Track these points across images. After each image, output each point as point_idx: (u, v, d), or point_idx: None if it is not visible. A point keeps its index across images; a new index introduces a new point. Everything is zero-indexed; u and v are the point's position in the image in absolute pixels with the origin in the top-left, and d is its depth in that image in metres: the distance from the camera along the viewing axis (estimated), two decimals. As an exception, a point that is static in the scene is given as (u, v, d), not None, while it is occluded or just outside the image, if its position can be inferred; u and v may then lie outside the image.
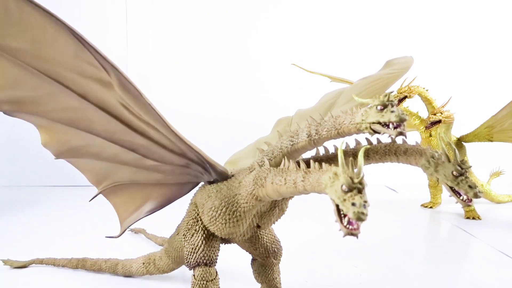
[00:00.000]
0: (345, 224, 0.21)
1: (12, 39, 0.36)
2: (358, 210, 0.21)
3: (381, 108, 0.28)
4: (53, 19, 0.35)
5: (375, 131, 0.29)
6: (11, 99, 0.42)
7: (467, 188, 0.24)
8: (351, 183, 0.21)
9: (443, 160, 0.26)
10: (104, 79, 0.39)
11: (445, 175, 0.25)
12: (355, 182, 0.21)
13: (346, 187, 0.21)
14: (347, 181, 0.22)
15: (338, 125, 0.32)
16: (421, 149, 0.28)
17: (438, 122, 0.95)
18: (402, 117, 0.27)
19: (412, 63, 0.68)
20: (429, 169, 0.26)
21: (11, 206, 1.21)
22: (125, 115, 0.43)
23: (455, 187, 0.25)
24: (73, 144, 0.48)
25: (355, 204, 0.22)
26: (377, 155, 0.34)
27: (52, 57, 0.38)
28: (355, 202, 0.22)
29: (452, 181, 0.25)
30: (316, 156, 0.38)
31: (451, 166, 0.25)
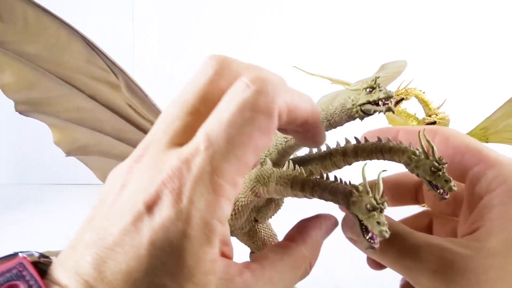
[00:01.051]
0: (368, 238, 0.22)
1: (30, 45, 0.39)
2: (383, 229, 0.23)
3: (369, 90, 0.29)
4: (66, 27, 0.39)
5: (365, 113, 0.30)
6: (26, 100, 0.45)
7: (443, 182, 0.25)
8: (375, 204, 0.22)
9: (423, 157, 0.27)
10: (113, 82, 0.42)
11: (424, 170, 0.26)
12: (379, 203, 0.22)
13: (370, 206, 0.22)
14: (370, 201, 0.23)
15: (329, 116, 0.32)
16: (403, 147, 0.29)
17: (433, 123, 0.97)
18: (389, 94, 0.28)
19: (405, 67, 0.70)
20: (410, 165, 0.27)
21: (18, 203, 1.24)
22: (132, 115, 0.45)
23: (433, 182, 0.26)
24: (83, 142, 0.51)
25: (380, 223, 0.23)
26: (364, 153, 0.34)
27: (65, 62, 0.41)
28: (380, 221, 0.23)
29: (430, 176, 0.26)
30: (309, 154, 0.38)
31: (429, 162, 0.26)
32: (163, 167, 0.19)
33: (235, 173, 0.19)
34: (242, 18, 1.59)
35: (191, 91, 0.21)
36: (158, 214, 0.18)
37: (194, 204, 0.18)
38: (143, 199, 0.18)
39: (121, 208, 0.19)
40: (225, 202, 0.19)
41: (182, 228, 0.18)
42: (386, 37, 1.52)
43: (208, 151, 0.18)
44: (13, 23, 0.37)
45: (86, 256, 0.18)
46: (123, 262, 0.18)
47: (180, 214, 0.18)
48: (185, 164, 0.18)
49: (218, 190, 0.18)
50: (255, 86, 0.20)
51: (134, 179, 0.20)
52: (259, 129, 0.19)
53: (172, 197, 0.18)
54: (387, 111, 0.28)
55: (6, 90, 0.44)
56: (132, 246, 0.18)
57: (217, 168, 0.18)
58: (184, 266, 0.18)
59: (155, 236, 0.18)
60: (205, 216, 0.18)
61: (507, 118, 0.90)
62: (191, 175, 0.18)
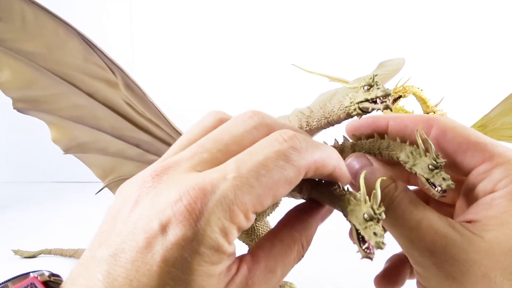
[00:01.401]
0: (364, 248, 0.21)
1: (28, 43, 0.39)
2: (379, 240, 0.23)
3: (367, 88, 0.29)
4: (64, 25, 0.39)
5: (363, 111, 0.30)
6: (25, 98, 0.45)
7: (441, 180, 0.25)
8: (372, 214, 0.22)
9: (421, 155, 0.27)
10: (111, 79, 0.42)
11: (422, 168, 0.26)
12: (376, 213, 0.22)
13: (367, 216, 0.22)
14: (368, 211, 0.23)
15: (327, 114, 0.32)
16: (401, 145, 0.29)
17: (431, 121, 0.97)
18: (387, 91, 0.28)
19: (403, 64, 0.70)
20: (408, 163, 0.27)
21: (21, 200, 1.24)
22: (129, 113, 0.45)
23: (430, 179, 0.26)
24: (81, 140, 0.51)
25: (377, 234, 0.23)
26: (362, 151, 0.34)
27: (63, 60, 0.41)
28: (377, 232, 0.23)
29: (428, 174, 0.26)
30: None
31: (428, 160, 0.26)
32: (184, 185, 0.19)
33: (252, 209, 0.20)
34: (241, 16, 1.59)
35: (229, 133, 0.22)
36: (172, 232, 0.19)
37: (211, 227, 0.19)
38: (159, 219, 0.19)
39: (134, 225, 0.19)
40: (236, 230, 0.20)
41: (196, 247, 0.18)
42: (384, 35, 1.52)
43: (235, 181, 0.19)
44: (11, 21, 0.37)
45: (97, 274, 0.19)
46: (135, 279, 0.18)
47: (196, 235, 0.18)
48: (210, 188, 0.19)
49: (234, 218, 0.19)
50: (292, 143, 0.21)
51: (149, 196, 0.20)
52: (285, 179, 0.20)
53: (191, 217, 0.19)
54: (385, 109, 0.28)
55: (4, 88, 0.44)
56: (144, 263, 0.18)
57: (239, 199, 0.19)
58: (195, 281, 0.19)
59: (169, 254, 0.18)
60: (219, 239, 0.19)
61: (505, 116, 0.90)
62: (214, 199, 0.19)
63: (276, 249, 0.23)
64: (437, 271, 0.23)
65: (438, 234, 0.23)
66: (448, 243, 0.23)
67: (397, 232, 0.25)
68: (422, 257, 0.24)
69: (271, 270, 0.22)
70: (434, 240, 0.23)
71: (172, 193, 0.19)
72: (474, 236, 0.23)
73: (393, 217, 0.25)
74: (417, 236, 0.24)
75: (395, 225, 0.25)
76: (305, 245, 0.24)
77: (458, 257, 0.22)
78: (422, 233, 0.24)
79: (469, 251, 0.22)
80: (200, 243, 0.19)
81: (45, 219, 1.02)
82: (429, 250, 0.23)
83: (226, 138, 0.22)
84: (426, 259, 0.23)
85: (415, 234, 0.24)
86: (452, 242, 0.23)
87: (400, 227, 0.25)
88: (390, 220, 0.25)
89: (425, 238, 0.23)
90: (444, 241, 0.23)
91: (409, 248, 0.25)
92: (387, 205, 0.25)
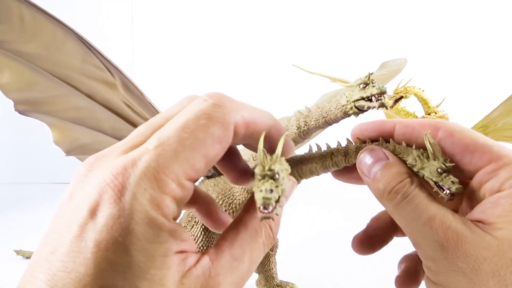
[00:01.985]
0: (261, 209, 0.20)
1: (27, 45, 0.40)
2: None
3: (363, 86, 0.29)
4: (62, 27, 0.39)
5: (359, 110, 0.30)
6: (25, 100, 0.45)
7: (450, 183, 0.26)
8: (262, 170, 0.21)
9: (429, 159, 0.27)
10: (109, 80, 0.42)
11: (430, 171, 0.26)
12: (266, 169, 0.21)
13: (260, 176, 0.21)
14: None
15: (325, 113, 0.32)
16: (408, 148, 0.29)
17: (432, 121, 0.97)
18: (382, 89, 0.28)
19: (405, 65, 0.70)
20: (416, 166, 0.27)
21: (23, 201, 1.25)
22: (128, 114, 0.46)
23: (439, 183, 0.26)
24: (82, 141, 0.51)
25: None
26: None
27: (62, 61, 0.41)
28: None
29: (437, 177, 0.26)
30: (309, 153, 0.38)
31: (437, 164, 0.26)
32: (109, 167, 0.19)
33: (182, 174, 0.19)
34: (242, 16, 1.60)
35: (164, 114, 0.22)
36: (101, 215, 0.18)
37: (138, 200, 0.18)
38: (87, 204, 0.18)
39: (69, 217, 0.19)
40: (170, 200, 0.19)
41: (126, 224, 0.18)
42: (386, 36, 1.52)
43: (156, 150, 0.19)
44: (9, 23, 0.37)
45: (40, 274, 0.18)
46: (73, 271, 0.18)
47: (123, 211, 0.18)
48: (131, 162, 0.19)
49: (163, 187, 0.19)
50: (213, 100, 0.21)
51: (80, 185, 0.20)
52: (212, 136, 0.20)
53: (114, 193, 0.18)
54: (380, 106, 0.29)
55: (5, 90, 0.45)
56: (79, 252, 0.18)
57: (164, 166, 0.19)
58: (134, 263, 0.18)
59: (100, 237, 0.18)
60: (150, 211, 0.18)
61: (506, 116, 0.90)
62: (136, 171, 0.18)
63: (241, 236, 0.22)
64: (448, 266, 0.23)
65: (450, 229, 0.23)
66: (460, 239, 0.23)
67: (409, 225, 0.25)
68: (433, 251, 0.24)
69: (237, 258, 0.21)
70: (447, 235, 0.23)
71: (98, 177, 0.19)
72: (485, 234, 0.23)
73: (407, 211, 0.25)
74: (429, 230, 0.24)
75: (409, 218, 0.25)
76: (274, 226, 0.23)
77: (469, 253, 0.22)
78: (435, 228, 0.24)
79: (480, 248, 0.22)
80: (129, 219, 0.18)
81: (47, 220, 1.02)
82: (441, 245, 0.23)
83: (160, 119, 0.22)
84: (437, 253, 0.23)
85: (428, 229, 0.24)
86: (464, 238, 0.23)
87: (413, 220, 0.25)
88: (404, 213, 0.25)
89: (437, 232, 0.24)
90: (456, 237, 0.23)
91: (421, 242, 0.25)
92: (402, 198, 0.25)
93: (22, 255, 0.74)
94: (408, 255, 0.34)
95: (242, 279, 0.21)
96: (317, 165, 0.36)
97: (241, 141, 0.24)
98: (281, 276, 0.61)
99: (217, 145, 0.20)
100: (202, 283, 0.19)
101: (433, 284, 0.25)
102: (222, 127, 0.20)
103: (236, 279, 0.21)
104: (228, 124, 0.21)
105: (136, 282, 0.18)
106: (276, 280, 0.59)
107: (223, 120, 0.20)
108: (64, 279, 0.18)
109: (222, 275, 0.20)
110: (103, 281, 0.17)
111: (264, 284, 0.59)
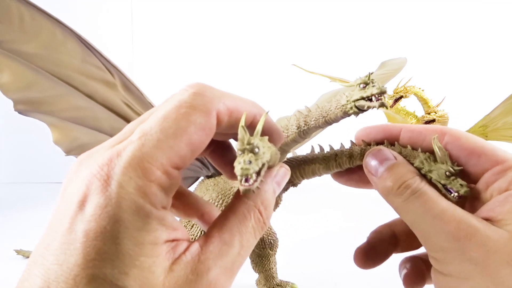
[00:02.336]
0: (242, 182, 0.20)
1: (26, 44, 0.40)
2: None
3: (363, 86, 0.29)
4: (61, 26, 0.39)
5: (360, 109, 0.30)
6: (25, 100, 0.45)
7: (459, 186, 0.26)
8: (453, 171, 0.24)
9: (436, 162, 0.28)
10: (109, 80, 0.42)
11: (438, 174, 0.27)
12: (245, 143, 0.21)
13: (239, 151, 0.21)
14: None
15: (324, 113, 0.32)
16: (414, 152, 0.29)
17: (432, 121, 0.97)
18: (382, 89, 0.28)
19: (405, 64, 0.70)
20: (423, 169, 0.28)
21: (23, 201, 1.25)
22: (128, 113, 0.46)
23: (448, 185, 0.27)
24: (82, 141, 0.51)
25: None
26: None
27: (62, 61, 0.41)
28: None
29: (445, 180, 0.27)
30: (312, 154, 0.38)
31: (445, 167, 0.27)
32: (96, 161, 0.20)
33: (167, 162, 0.19)
34: (243, 17, 1.60)
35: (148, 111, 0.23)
36: (89, 205, 0.18)
37: (124, 188, 0.18)
38: (77, 197, 0.19)
39: (61, 213, 0.19)
40: (157, 188, 0.19)
41: (113, 213, 0.18)
42: (386, 35, 1.52)
43: (140, 140, 0.19)
44: (9, 23, 0.37)
45: (35, 270, 0.19)
46: (64, 262, 0.18)
47: (109, 199, 0.18)
48: (116, 154, 0.19)
49: (149, 175, 0.19)
50: (193, 90, 0.21)
51: (71, 182, 0.20)
52: (194, 124, 0.20)
53: (101, 183, 0.18)
54: (380, 106, 0.28)
55: (5, 90, 0.45)
56: (69, 244, 0.18)
57: (148, 154, 0.19)
58: (123, 251, 0.18)
59: (88, 227, 0.18)
60: (136, 199, 0.19)
61: (506, 116, 0.90)
62: (121, 161, 0.19)
63: (229, 221, 0.22)
64: (459, 256, 0.24)
65: (462, 222, 0.24)
66: (472, 230, 0.23)
67: (418, 219, 0.26)
68: (445, 241, 0.24)
69: (226, 242, 0.21)
70: (459, 226, 0.24)
71: (86, 171, 0.19)
72: (496, 228, 0.24)
73: (416, 205, 0.25)
74: (441, 222, 0.24)
75: (418, 213, 0.25)
76: (264, 211, 0.23)
77: (482, 243, 0.23)
78: (446, 220, 0.24)
79: (492, 239, 0.23)
80: (116, 207, 0.18)
81: (47, 220, 1.02)
82: (454, 235, 0.24)
83: (147, 114, 0.22)
84: (449, 244, 0.24)
85: (439, 221, 0.24)
86: (476, 229, 0.23)
87: (422, 214, 0.25)
88: (413, 208, 0.26)
89: (449, 224, 0.24)
90: (468, 229, 0.23)
91: (431, 235, 0.25)
92: (411, 194, 0.26)
93: (22, 254, 0.74)
94: (410, 257, 0.34)
95: (233, 264, 0.21)
96: (320, 166, 0.36)
97: (227, 129, 0.24)
98: (281, 276, 0.61)
99: (200, 132, 0.21)
100: (191, 268, 0.19)
101: (443, 275, 0.25)
102: (203, 114, 0.21)
103: (227, 264, 0.21)
104: (209, 111, 0.21)
105: (126, 270, 0.18)
106: (276, 279, 0.59)
107: (204, 108, 0.21)
108: (56, 271, 0.18)
109: (212, 260, 0.20)
110: (93, 270, 0.18)
111: (264, 284, 0.59)
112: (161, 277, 0.19)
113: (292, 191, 0.40)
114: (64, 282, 0.18)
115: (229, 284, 0.21)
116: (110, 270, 0.18)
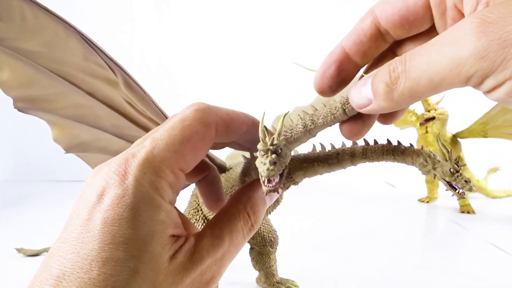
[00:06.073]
0: (265, 183, 0.23)
1: (27, 42, 0.39)
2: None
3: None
4: (64, 24, 0.38)
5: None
6: (25, 97, 0.45)
7: (463, 182, 0.27)
8: (265, 146, 0.24)
9: (440, 159, 0.28)
10: (111, 78, 0.42)
11: (443, 172, 0.28)
12: (268, 144, 0.23)
13: (262, 152, 0.23)
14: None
15: (334, 110, 0.32)
16: (418, 150, 0.30)
17: (432, 118, 0.97)
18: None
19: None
20: (427, 167, 0.29)
21: (24, 199, 1.25)
22: (130, 112, 0.45)
23: (453, 182, 0.28)
24: (82, 139, 0.51)
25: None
26: (374, 155, 0.34)
27: (63, 59, 0.41)
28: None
29: (450, 177, 0.27)
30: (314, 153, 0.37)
31: (449, 164, 0.28)
32: (113, 161, 0.23)
33: (175, 164, 0.23)
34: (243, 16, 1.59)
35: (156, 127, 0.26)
36: (107, 197, 0.21)
37: (139, 182, 0.21)
38: (96, 192, 0.21)
39: (79, 208, 0.22)
40: (166, 185, 0.22)
41: (130, 201, 0.21)
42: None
43: (152, 145, 0.23)
44: (11, 20, 0.37)
45: (52, 263, 0.21)
46: (81, 250, 0.20)
47: (127, 190, 0.21)
48: (131, 155, 0.22)
49: (160, 172, 0.22)
50: (195, 107, 0.25)
51: (90, 183, 0.23)
52: (196, 133, 0.24)
53: (118, 177, 0.21)
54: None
55: (5, 88, 0.44)
56: (87, 232, 0.20)
57: (159, 155, 0.22)
58: (137, 236, 0.20)
59: (106, 215, 0.20)
60: (150, 192, 0.22)
61: (506, 113, 0.90)
62: (136, 160, 0.22)
63: (221, 219, 0.26)
64: None
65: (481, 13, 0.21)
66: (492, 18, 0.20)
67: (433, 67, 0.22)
68: (475, 38, 0.20)
69: (217, 237, 0.24)
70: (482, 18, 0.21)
71: (104, 170, 0.22)
72: None
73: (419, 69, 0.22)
74: None
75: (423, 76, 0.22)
76: (252, 214, 0.27)
77: None
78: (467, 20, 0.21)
79: None
80: (133, 197, 0.21)
81: (48, 218, 1.03)
82: (482, 31, 0.20)
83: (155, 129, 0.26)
84: (480, 39, 0.20)
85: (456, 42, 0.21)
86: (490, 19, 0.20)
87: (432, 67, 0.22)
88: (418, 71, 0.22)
89: (472, 20, 0.21)
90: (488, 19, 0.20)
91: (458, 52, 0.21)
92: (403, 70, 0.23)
93: (23, 253, 0.74)
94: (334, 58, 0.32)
95: (223, 256, 0.24)
96: (322, 164, 0.36)
97: (225, 139, 0.27)
98: (281, 273, 0.61)
99: (202, 140, 0.24)
100: (189, 257, 0.23)
101: None
102: (204, 126, 0.24)
103: (217, 255, 0.24)
104: (208, 123, 0.25)
105: (138, 254, 0.20)
106: (276, 277, 0.59)
107: (204, 121, 0.25)
108: (72, 259, 0.20)
109: (205, 250, 0.23)
110: (107, 253, 0.20)
111: (264, 281, 0.59)
112: (166, 263, 0.21)
113: (293, 189, 0.40)
114: (80, 268, 0.20)
115: (219, 273, 0.25)
116: (123, 254, 0.20)
